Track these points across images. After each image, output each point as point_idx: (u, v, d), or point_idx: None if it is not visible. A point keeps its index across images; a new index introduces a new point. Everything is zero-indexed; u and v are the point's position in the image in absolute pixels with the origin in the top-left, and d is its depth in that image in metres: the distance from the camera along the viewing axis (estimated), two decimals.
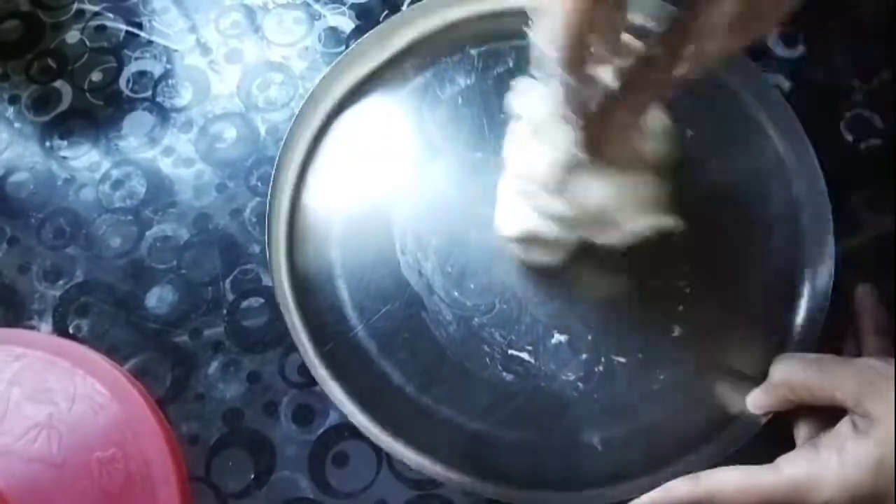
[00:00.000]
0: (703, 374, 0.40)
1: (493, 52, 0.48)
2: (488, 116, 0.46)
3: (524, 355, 0.40)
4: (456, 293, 0.42)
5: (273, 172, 0.44)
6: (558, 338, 0.41)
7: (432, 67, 0.48)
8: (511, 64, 0.47)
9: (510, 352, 0.40)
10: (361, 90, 0.47)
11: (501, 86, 0.46)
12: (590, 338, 0.41)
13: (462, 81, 0.47)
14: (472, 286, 0.42)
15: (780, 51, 0.51)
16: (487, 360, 0.40)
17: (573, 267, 0.41)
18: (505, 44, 0.48)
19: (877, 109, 0.49)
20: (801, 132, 0.44)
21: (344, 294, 0.42)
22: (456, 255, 0.43)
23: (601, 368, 0.40)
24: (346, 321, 0.42)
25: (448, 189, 0.45)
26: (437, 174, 0.45)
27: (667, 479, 0.36)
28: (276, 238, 0.43)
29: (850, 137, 0.47)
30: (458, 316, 0.41)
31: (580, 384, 0.40)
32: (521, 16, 0.40)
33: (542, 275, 0.42)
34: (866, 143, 0.48)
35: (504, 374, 0.40)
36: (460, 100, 0.47)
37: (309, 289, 0.42)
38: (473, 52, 0.48)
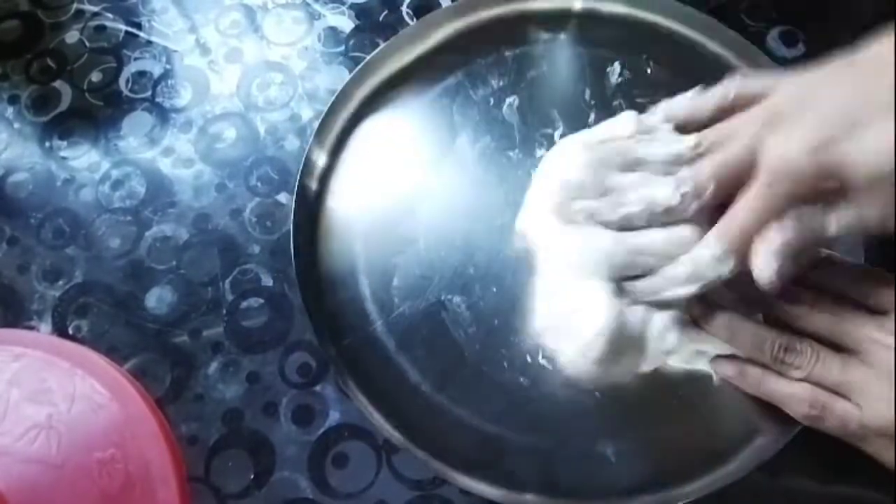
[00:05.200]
0: (722, 390, 0.39)
1: (527, 54, 0.48)
2: (520, 118, 0.46)
3: (543, 362, 0.40)
4: (478, 295, 0.42)
5: (302, 161, 0.44)
6: None
7: (465, 67, 0.48)
8: (545, 68, 0.48)
9: (528, 357, 0.40)
10: (392, 87, 0.47)
11: (534, 89, 0.47)
12: None
13: (495, 83, 0.47)
14: (494, 289, 0.42)
15: (781, 51, 0.51)
16: (505, 363, 0.40)
17: None
18: (539, 47, 0.48)
19: None
20: None
21: (365, 289, 0.42)
22: (480, 257, 0.43)
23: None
24: (366, 316, 0.42)
25: (476, 189, 0.44)
26: (466, 174, 0.45)
27: (680, 498, 0.36)
28: (301, 227, 0.43)
29: None
30: (478, 318, 0.41)
31: (597, 394, 0.39)
32: (558, 19, 0.39)
33: None
34: None
35: (521, 378, 0.40)
36: (492, 101, 0.47)
37: (331, 281, 0.42)
38: (508, 53, 0.48)
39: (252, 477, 0.41)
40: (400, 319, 0.41)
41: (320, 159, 0.45)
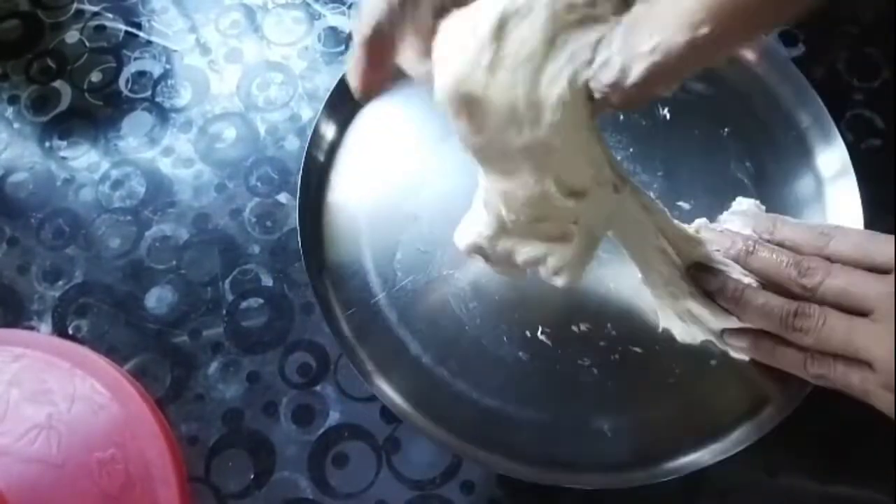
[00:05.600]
0: (718, 372, 0.40)
1: None
2: None
3: (542, 337, 0.41)
4: (479, 271, 0.42)
5: (312, 129, 0.45)
6: (577, 324, 0.41)
7: None
8: None
9: (528, 333, 0.41)
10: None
11: None
12: (609, 326, 0.41)
13: None
14: None
15: (781, 51, 0.50)
16: (505, 338, 0.41)
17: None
18: None
19: (877, 109, 0.49)
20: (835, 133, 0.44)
21: (369, 263, 0.43)
22: None
23: (617, 357, 0.40)
24: (369, 289, 0.42)
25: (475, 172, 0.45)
26: (464, 158, 0.45)
27: (672, 473, 0.37)
28: (307, 200, 0.43)
29: (850, 137, 0.47)
30: (479, 293, 0.42)
31: (595, 370, 0.40)
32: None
33: None
34: (866, 143, 0.48)
35: (520, 353, 0.41)
36: None
37: (335, 255, 0.43)
38: None
39: (252, 477, 0.41)
40: (402, 293, 0.42)
41: (328, 133, 0.46)
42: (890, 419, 0.33)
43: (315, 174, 0.45)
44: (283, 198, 0.47)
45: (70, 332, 0.44)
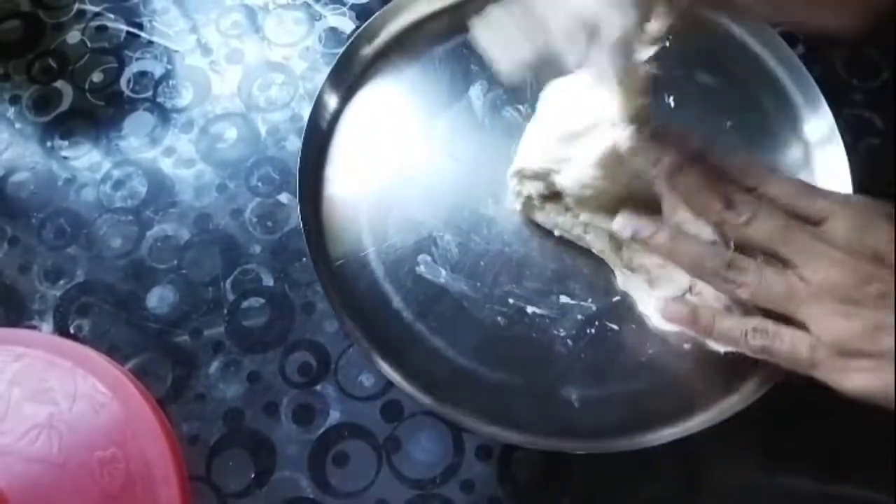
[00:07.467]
0: (690, 356, 0.40)
1: None
2: (535, 74, 0.46)
3: (521, 304, 0.42)
4: (468, 236, 0.43)
5: (318, 91, 0.46)
6: (557, 295, 0.42)
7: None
8: None
9: (508, 299, 0.42)
10: (417, 30, 0.49)
11: None
12: (589, 301, 0.42)
13: None
14: (484, 232, 0.44)
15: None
16: (485, 302, 0.42)
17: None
18: None
19: (877, 109, 0.49)
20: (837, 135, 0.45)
21: (362, 218, 0.44)
22: (475, 201, 0.44)
23: (593, 331, 0.41)
24: (360, 242, 0.44)
25: (480, 137, 0.46)
26: (473, 121, 0.47)
27: (633, 446, 0.38)
28: (310, 152, 0.45)
29: (848, 137, 0.47)
30: (465, 257, 0.43)
31: (569, 342, 0.41)
32: None
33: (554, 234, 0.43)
34: (865, 143, 0.48)
35: (498, 318, 0.42)
36: None
37: (331, 206, 0.45)
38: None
39: (253, 476, 0.41)
40: (391, 250, 0.43)
41: (333, 99, 0.47)
42: (889, 410, 0.32)
43: (317, 141, 0.46)
44: (283, 198, 0.47)
45: (71, 331, 0.44)
